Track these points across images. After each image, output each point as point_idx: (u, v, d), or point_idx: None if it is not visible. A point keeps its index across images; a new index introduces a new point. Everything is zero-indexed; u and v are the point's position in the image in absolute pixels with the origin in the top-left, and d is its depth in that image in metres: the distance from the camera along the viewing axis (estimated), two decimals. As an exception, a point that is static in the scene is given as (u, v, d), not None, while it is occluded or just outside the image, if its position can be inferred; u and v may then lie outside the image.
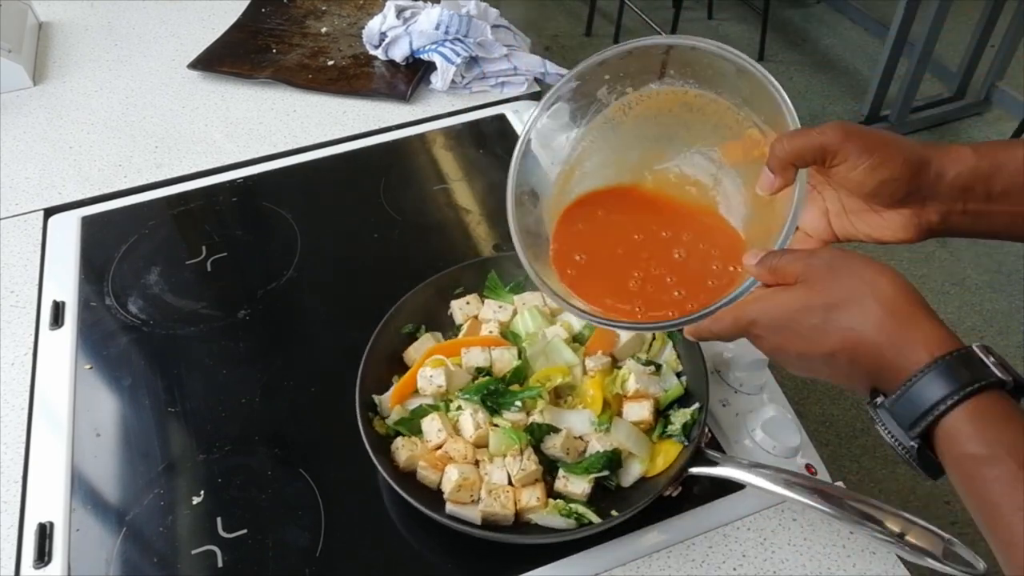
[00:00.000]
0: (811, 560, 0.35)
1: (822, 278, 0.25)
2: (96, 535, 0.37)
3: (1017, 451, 0.20)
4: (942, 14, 1.23)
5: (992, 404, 0.21)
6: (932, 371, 0.22)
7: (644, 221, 0.30)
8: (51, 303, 0.48)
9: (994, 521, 0.20)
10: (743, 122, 0.28)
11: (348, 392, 0.38)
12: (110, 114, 0.63)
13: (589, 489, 0.35)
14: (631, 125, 0.31)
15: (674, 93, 0.29)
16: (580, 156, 0.32)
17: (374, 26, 0.65)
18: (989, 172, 0.25)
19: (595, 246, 0.30)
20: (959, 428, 0.21)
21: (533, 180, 0.31)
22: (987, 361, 0.22)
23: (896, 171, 0.25)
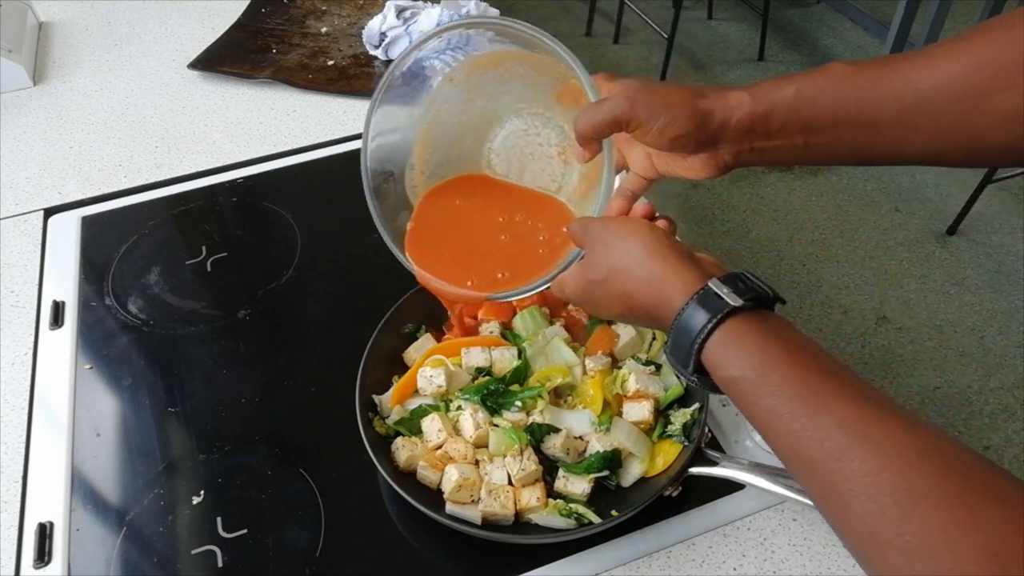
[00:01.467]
0: (811, 560, 0.35)
1: (592, 252, 0.29)
2: (96, 535, 0.37)
3: (755, 365, 0.23)
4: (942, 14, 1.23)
5: (736, 329, 0.24)
6: (682, 315, 0.25)
7: (485, 206, 0.34)
8: (51, 303, 0.48)
9: (758, 426, 0.23)
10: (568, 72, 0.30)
11: (348, 392, 0.38)
12: (110, 114, 0.63)
13: (589, 489, 0.35)
14: (466, 87, 0.33)
15: (500, 53, 0.31)
16: (427, 129, 0.34)
17: (374, 26, 0.65)
18: (765, 113, 0.27)
19: (443, 232, 0.34)
20: (714, 357, 0.24)
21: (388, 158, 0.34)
22: (721, 293, 0.24)
23: (683, 128, 0.28)
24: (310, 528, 0.36)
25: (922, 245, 1.21)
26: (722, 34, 1.68)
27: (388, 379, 0.40)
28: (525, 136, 0.34)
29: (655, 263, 0.26)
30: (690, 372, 0.25)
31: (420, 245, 0.34)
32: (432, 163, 0.35)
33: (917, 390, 1.01)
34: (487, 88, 0.33)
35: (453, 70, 0.32)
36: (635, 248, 0.27)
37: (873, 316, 1.10)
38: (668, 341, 0.25)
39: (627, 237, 0.27)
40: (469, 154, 0.34)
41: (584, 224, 0.30)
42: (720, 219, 1.25)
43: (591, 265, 0.29)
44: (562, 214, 0.34)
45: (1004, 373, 1.03)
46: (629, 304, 0.27)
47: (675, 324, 0.25)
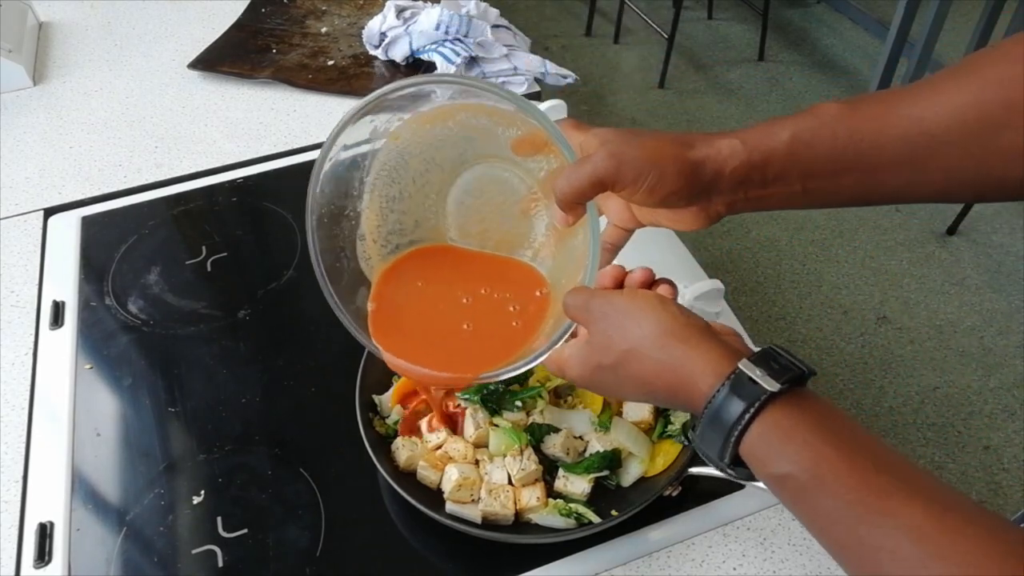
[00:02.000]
0: (811, 560, 0.35)
1: (599, 333, 0.26)
2: (96, 535, 0.37)
3: (807, 463, 0.21)
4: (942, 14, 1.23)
5: (777, 420, 0.22)
6: (713, 403, 0.22)
7: (448, 280, 0.31)
8: (51, 303, 0.48)
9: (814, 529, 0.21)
10: (525, 122, 0.27)
11: (348, 392, 0.38)
12: (110, 114, 0.63)
13: (589, 489, 0.35)
14: (411, 144, 0.30)
15: (448, 107, 0.28)
16: (374, 194, 0.30)
17: (374, 26, 0.65)
18: (761, 162, 0.26)
19: (409, 313, 0.31)
20: (756, 452, 0.22)
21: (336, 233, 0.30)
22: (755, 376, 0.22)
23: (674, 185, 0.25)
24: (310, 528, 0.36)
25: (922, 245, 1.21)
26: (722, 34, 1.68)
27: (388, 379, 0.40)
28: (481, 191, 0.31)
29: (675, 344, 0.24)
30: (725, 463, 0.23)
31: (386, 329, 0.30)
32: (384, 231, 0.31)
33: (917, 390, 1.01)
34: (436, 144, 0.30)
35: (397, 128, 0.29)
36: (650, 328, 0.24)
37: (873, 316, 1.10)
38: (698, 429, 0.23)
39: (639, 316, 0.25)
40: (421, 215, 0.31)
41: (583, 299, 0.26)
42: (720, 219, 1.25)
43: (600, 348, 0.25)
44: (530, 277, 0.30)
45: (1004, 373, 1.03)
46: (648, 389, 0.25)
47: (706, 412, 0.22)
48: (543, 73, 0.63)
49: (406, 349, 0.30)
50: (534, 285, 0.30)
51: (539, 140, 0.28)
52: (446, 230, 0.32)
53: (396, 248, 0.32)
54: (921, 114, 0.24)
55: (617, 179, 0.25)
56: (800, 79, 1.56)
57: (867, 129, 0.25)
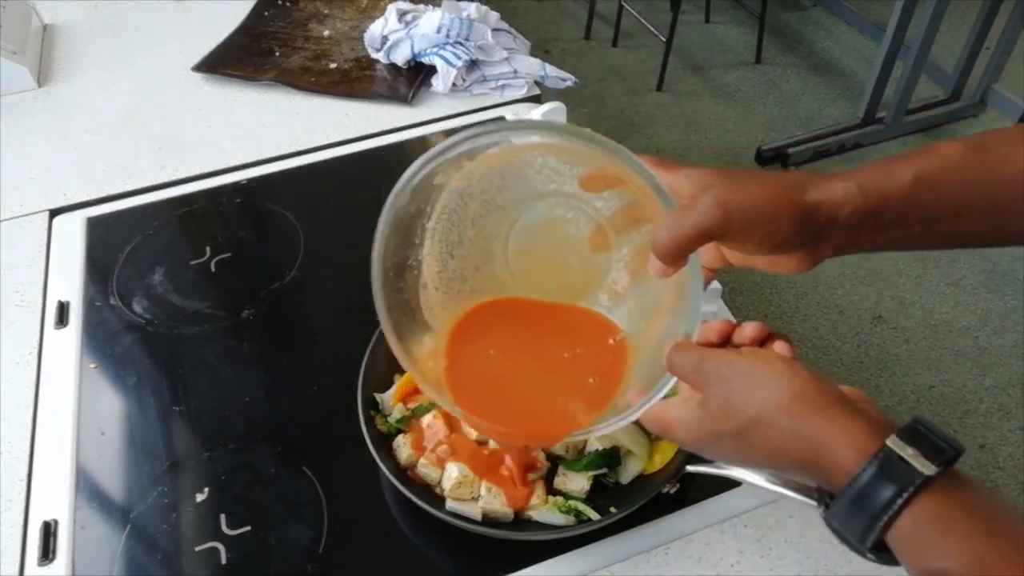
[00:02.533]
0: (808, 557, 0.35)
1: (718, 399, 0.24)
2: (100, 532, 0.37)
3: (967, 558, 0.19)
4: (937, 16, 1.23)
5: (933, 509, 0.20)
6: (858, 483, 0.21)
7: (518, 338, 0.30)
8: (56, 303, 0.48)
9: None
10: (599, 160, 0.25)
11: (350, 391, 0.38)
12: (114, 116, 0.63)
13: (588, 486, 0.36)
14: (474, 186, 0.28)
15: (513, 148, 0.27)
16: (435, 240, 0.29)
17: (376, 29, 0.66)
18: (878, 207, 0.24)
19: (483, 377, 0.29)
20: (910, 543, 0.20)
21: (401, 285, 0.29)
22: (906, 456, 0.20)
23: (787, 234, 0.23)
24: (313, 525, 0.36)
25: (918, 246, 1.21)
26: (719, 37, 1.68)
27: (390, 377, 0.40)
28: (543, 231, 0.29)
29: (810, 413, 0.22)
30: (866, 548, 0.21)
31: (462, 389, 0.29)
32: (445, 277, 0.30)
33: (912, 389, 1.01)
34: (497, 185, 0.28)
35: (461, 172, 0.27)
36: (779, 394, 0.22)
37: (869, 316, 1.10)
38: (833, 508, 0.21)
39: (766, 381, 0.22)
40: (482, 260, 0.30)
41: (693, 360, 0.24)
42: (718, 220, 1.25)
43: (718, 415, 0.23)
44: (600, 324, 0.29)
45: (999, 372, 1.03)
46: (776, 459, 0.23)
47: (848, 492, 0.20)
48: (543, 76, 0.64)
49: (485, 409, 0.29)
50: (607, 333, 0.29)
51: (611, 176, 0.26)
52: (508, 273, 0.30)
53: (458, 294, 0.30)
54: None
55: (726, 230, 0.23)
56: (797, 81, 1.57)
57: (998, 170, 0.23)
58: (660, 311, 0.28)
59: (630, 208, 0.27)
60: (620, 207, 0.28)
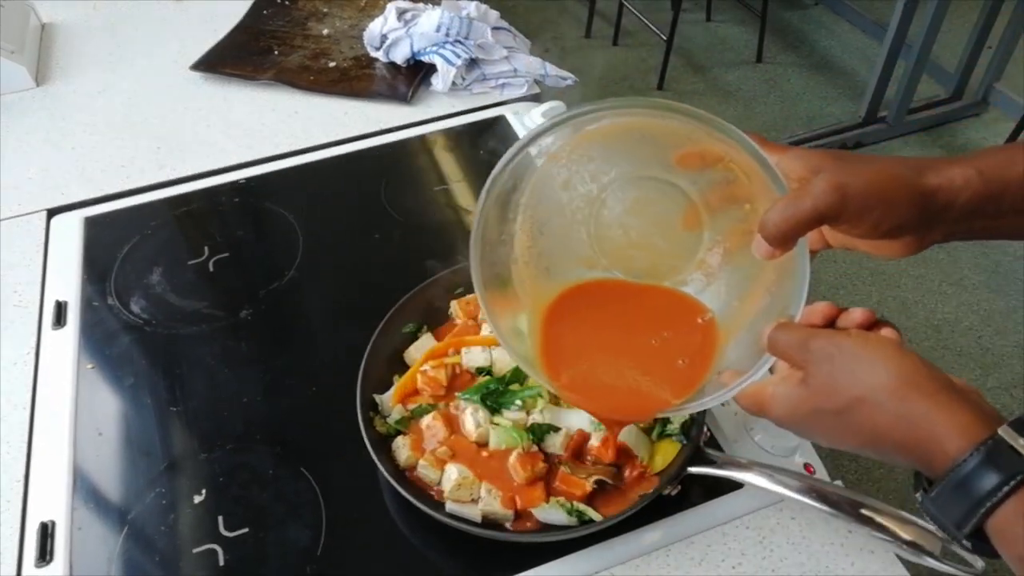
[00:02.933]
0: (809, 559, 0.35)
1: (822, 376, 0.23)
2: (98, 534, 0.37)
3: None
4: (939, 15, 1.23)
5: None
6: (962, 468, 0.20)
7: (610, 318, 0.31)
8: (54, 303, 0.48)
9: None
10: (700, 139, 0.26)
11: (349, 391, 0.38)
12: (113, 115, 0.63)
13: (589, 488, 0.35)
14: (570, 162, 0.28)
15: (610, 127, 0.27)
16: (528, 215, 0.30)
17: (375, 28, 0.65)
18: (997, 194, 0.23)
19: (575, 352, 0.30)
20: (1012, 529, 0.20)
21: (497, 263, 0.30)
22: (1018, 446, 0.20)
23: (901, 219, 0.23)
24: (311, 527, 0.36)
25: (920, 246, 1.21)
26: (720, 36, 1.68)
27: (389, 378, 0.40)
28: (634, 208, 0.29)
29: (917, 397, 0.21)
30: (963, 534, 0.21)
31: (557, 367, 0.29)
32: (535, 252, 0.30)
33: (916, 390, 1.01)
34: (593, 160, 0.28)
35: (559, 148, 0.27)
36: (888, 377, 0.22)
37: (872, 317, 1.10)
38: (932, 492, 0.21)
39: (875, 363, 0.22)
40: (573, 235, 0.30)
41: (800, 337, 0.24)
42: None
43: (821, 392, 0.23)
44: (688, 305, 0.29)
45: (1002, 373, 1.03)
46: (874, 441, 0.22)
47: (951, 477, 0.20)
48: (543, 75, 0.64)
49: (579, 386, 0.30)
50: (695, 314, 0.29)
51: (710, 154, 0.26)
52: (596, 251, 0.31)
53: (547, 271, 0.31)
54: None
55: (840, 214, 0.22)
56: (798, 80, 1.57)
57: None
58: (756, 291, 0.27)
59: (727, 186, 0.27)
60: (717, 184, 0.27)
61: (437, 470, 0.36)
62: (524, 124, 0.59)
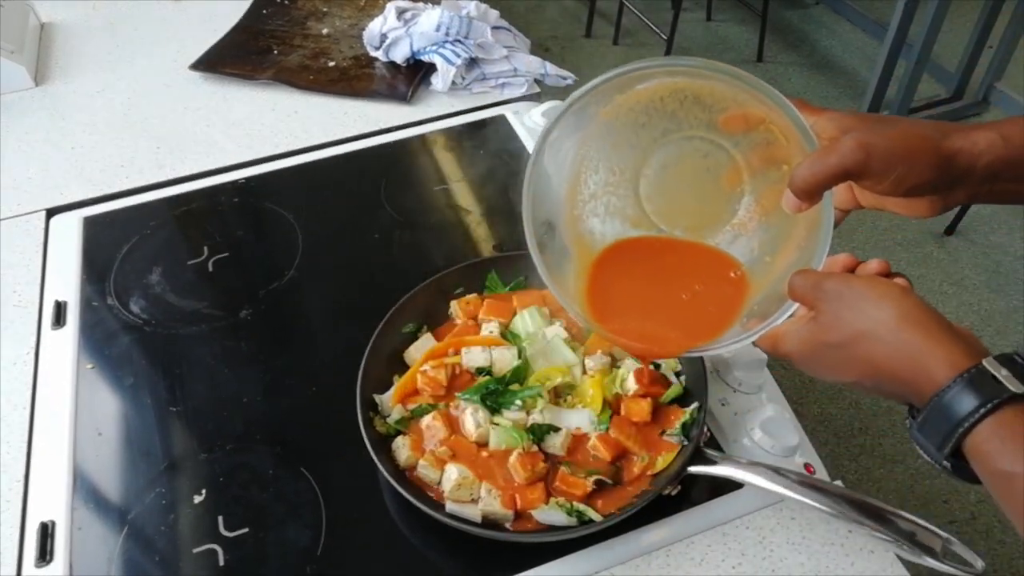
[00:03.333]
0: (809, 559, 0.35)
1: (830, 313, 0.25)
2: (98, 534, 0.37)
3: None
4: (940, 15, 1.23)
5: (1013, 418, 0.21)
6: (946, 394, 0.22)
7: (651, 268, 0.34)
8: (53, 303, 0.48)
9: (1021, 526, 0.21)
10: (744, 101, 0.28)
11: (349, 391, 0.38)
12: (112, 115, 0.63)
13: (589, 488, 0.35)
14: (618, 121, 0.31)
15: (658, 86, 0.29)
16: (578, 171, 0.33)
17: (375, 27, 0.65)
18: (1019, 159, 0.25)
19: (619, 299, 0.33)
20: (985, 446, 0.22)
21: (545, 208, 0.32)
22: (999, 375, 0.22)
23: (924, 177, 0.25)
24: (311, 527, 0.36)
25: (920, 245, 1.21)
26: (721, 35, 1.68)
27: (389, 378, 0.40)
28: (679, 166, 0.31)
29: (913, 332, 0.23)
30: (943, 455, 0.22)
31: (602, 311, 0.33)
32: (584, 204, 0.33)
33: (916, 390, 1.01)
34: (642, 118, 0.31)
35: (611, 106, 0.30)
36: (889, 313, 0.24)
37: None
38: (920, 417, 0.23)
39: (880, 300, 0.24)
40: (621, 190, 0.33)
41: (814, 279, 0.26)
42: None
43: (828, 327, 0.25)
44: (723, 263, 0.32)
45: (1003, 373, 1.03)
46: (872, 372, 0.24)
47: (934, 401, 0.22)
48: (543, 74, 0.64)
49: (621, 328, 0.33)
50: (728, 268, 0.32)
51: (753, 117, 0.28)
52: (642, 203, 0.33)
53: (595, 219, 0.33)
54: None
55: (865, 171, 0.24)
56: (799, 80, 1.56)
57: None
58: (787, 248, 0.29)
59: (767, 148, 0.29)
60: (758, 146, 0.29)
61: (437, 470, 0.36)
62: (524, 124, 0.59)
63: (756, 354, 0.41)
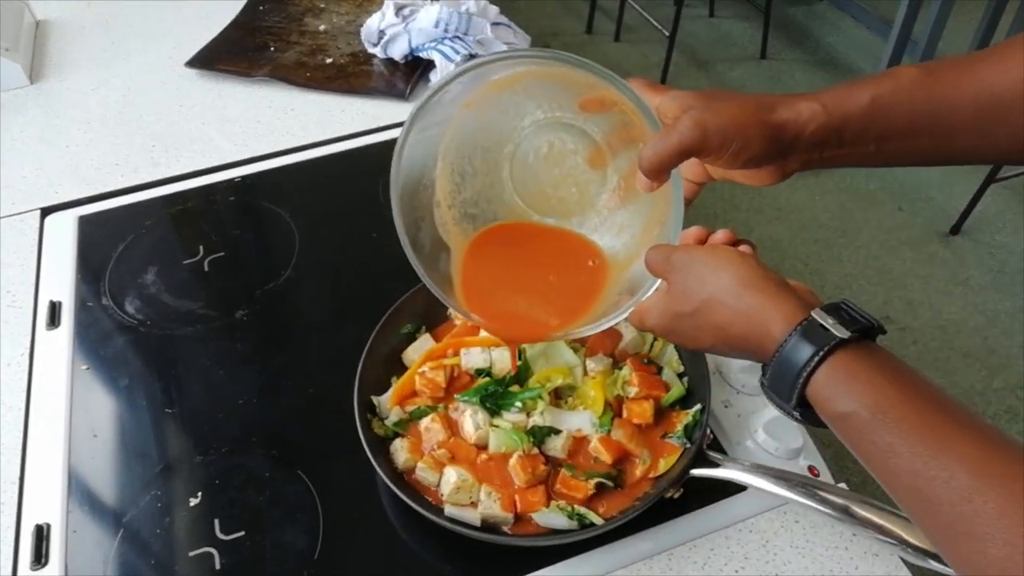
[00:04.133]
0: (813, 562, 0.35)
1: (679, 283, 0.28)
2: (93, 537, 0.37)
3: (869, 401, 0.22)
4: (944, 13, 1.22)
5: (845, 363, 0.23)
6: (784, 347, 0.24)
7: (523, 254, 0.35)
8: (47, 303, 0.47)
9: (871, 465, 0.22)
10: (596, 84, 0.28)
11: (347, 393, 0.37)
12: (107, 113, 0.62)
13: (591, 490, 0.35)
14: (480, 109, 0.32)
15: (518, 74, 0.30)
16: (445, 161, 0.33)
17: (373, 24, 0.65)
18: (840, 125, 0.27)
19: (494, 286, 0.35)
20: (823, 392, 0.23)
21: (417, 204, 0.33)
22: (826, 324, 0.23)
23: (758, 149, 0.26)
24: (308, 530, 0.36)
25: (925, 245, 1.20)
26: (724, 32, 1.67)
27: (387, 380, 0.40)
28: (544, 150, 0.33)
29: (751, 294, 0.25)
30: (792, 406, 0.24)
31: (473, 299, 0.34)
32: (456, 196, 0.34)
33: (919, 390, 1.00)
34: (504, 107, 0.32)
35: (470, 97, 0.31)
36: (729, 279, 0.26)
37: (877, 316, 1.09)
38: (767, 374, 0.25)
39: (719, 268, 0.26)
40: (488, 179, 0.34)
41: (665, 253, 0.28)
42: (722, 218, 1.25)
43: (678, 297, 0.27)
44: (584, 249, 0.34)
45: (1008, 374, 1.02)
46: (723, 336, 0.26)
47: (776, 356, 0.24)
48: (543, 71, 0.63)
49: (494, 315, 0.34)
50: (589, 255, 0.33)
51: (608, 99, 0.29)
52: (512, 191, 0.34)
53: (466, 211, 0.34)
54: (991, 80, 0.25)
55: (703, 148, 0.26)
56: (803, 77, 1.55)
57: (943, 94, 0.26)
58: (651, 224, 0.31)
59: (625, 129, 0.30)
60: (616, 127, 0.31)
61: (436, 473, 0.35)
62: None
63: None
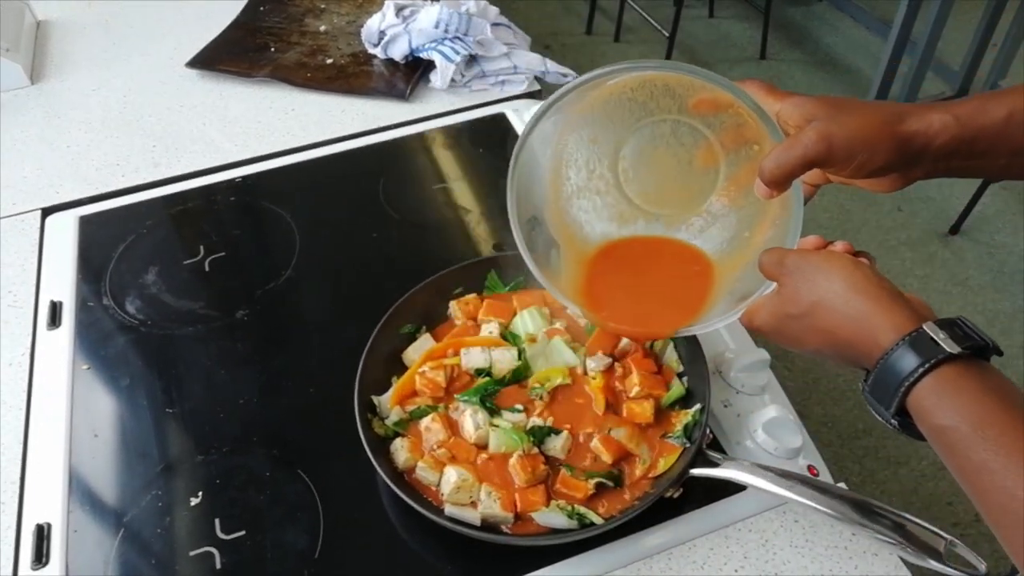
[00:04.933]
0: (813, 562, 0.35)
1: (791, 286, 0.28)
2: (94, 536, 0.37)
3: (971, 417, 0.22)
4: (944, 13, 1.22)
5: (951, 377, 0.23)
6: (891, 355, 0.24)
7: (640, 265, 0.37)
8: (48, 303, 0.47)
9: (964, 479, 0.23)
10: (711, 89, 0.30)
11: (347, 393, 0.37)
12: (108, 113, 0.62)
13: (590, 490, 0.35)
14: (598, 116, 0.33)
15: (632, 78, 0.32)
16: (560, 165, 0.35)
17: (373, 24, 0.65)
18: (972, 138, 0.27)
19: (613, 288, 0.37)
20: (924, 403, 0.23)
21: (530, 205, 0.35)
22: (937, 338, 0.24)
23: (882, 162, 0.27)
24: (309, 529, 0.36)
25: (925, 245, 1.20)
26: (723, 32, 1.67)
27: (387, 380, 0.40)
28: (661, 146, 0.34)
29: (862, 300, 0.25)
30: (891, 413, 0.24)
31: (594, 302, 0.36)
32: (566, 195, 0.35)
33: (918, 390, 1.00)
34: (615, 110, 0.33)
35: (582, 104, 0.32)
36: (840, 284, 0.26)
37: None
38: (870, 379, 0.25)
39: (832, 273, 0.26)
40: (600, 178, 0.35)
41: (779, 256, 0.29)
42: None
43: (789, 299, 0.28)
44: (690, 257, 0.35)
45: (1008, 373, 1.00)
46: (829, 340, 0.26)
47: (881, 363, 0.24)
48: (543, 72, 0.63)
49: (614, 315, 0.36)
50: (695, 262, 0.35)
51: (722, 101, 0.30)
52: (625, 190, 0.35)
53: (582, 211, 0.36)
54: None
55: (828, 161, 0.26)
56: (802, 78, 1.55)
57: None
58: (763, 224, 0.32)
59: (738, 129, 0.31)
60: (728, 127, 0.32)
61: (436, 472, 0.35)
62: (524, 122, 0.58)
63: (759, 355, 0.40)
